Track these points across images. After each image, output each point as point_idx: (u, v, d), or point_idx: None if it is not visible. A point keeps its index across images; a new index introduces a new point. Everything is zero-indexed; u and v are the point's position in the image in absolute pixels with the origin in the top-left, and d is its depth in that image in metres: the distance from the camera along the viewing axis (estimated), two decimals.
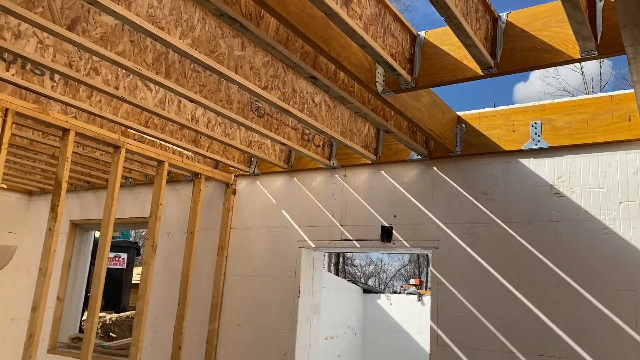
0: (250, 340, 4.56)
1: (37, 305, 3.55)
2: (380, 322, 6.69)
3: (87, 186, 6.13)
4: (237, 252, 4.90)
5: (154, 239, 4.36)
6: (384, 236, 4.12)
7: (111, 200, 4.01)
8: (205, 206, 5.09)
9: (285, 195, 4.77)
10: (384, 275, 34.05)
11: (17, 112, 3.43)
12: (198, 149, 4.41)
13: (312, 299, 4.56)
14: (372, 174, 4.36)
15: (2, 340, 6.26)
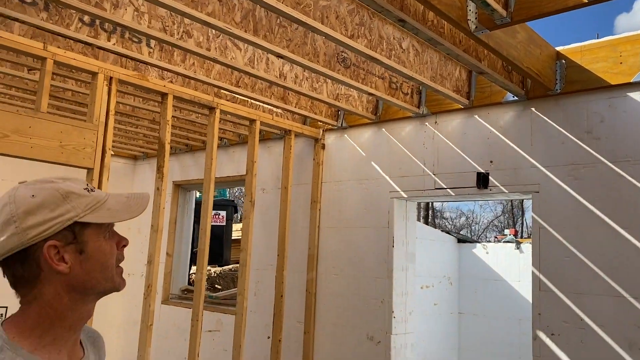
0: (347, 289, 4.69)
1: (152, 259, 3.85)
2: (476, 271, 6.60)
3: (186, 149, 6.45)
4: (330, 205, 4.99)
5: (251, 195, 4.54)
6: (480, 183, 4.01)
7: (210, 160, 4.21)
8: (296, 162, 5.20)
9: (374, 146, 4.75)
10: (475, 227, 33.36)
11: (120, 79, 3.65)
12: (287, 105, 4.49)
13: (407, 248, 4.57)
14: (464, 120, 4.22)
15: (120, 293, 6.88)
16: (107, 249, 1.11)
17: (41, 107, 3.25)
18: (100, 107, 3.51)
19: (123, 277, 1.17)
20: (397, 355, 4.36)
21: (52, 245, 1.04)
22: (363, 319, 4.55)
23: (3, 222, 1.03)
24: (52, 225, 1.04)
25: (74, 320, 1.10)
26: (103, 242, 1.11)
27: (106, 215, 1.09)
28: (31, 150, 3.19)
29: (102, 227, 1.10)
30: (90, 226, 1.08)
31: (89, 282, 1.09)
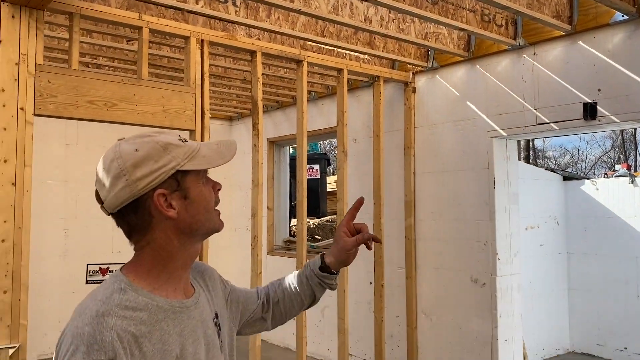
0: (448, 233, 4.64)
1: (255, 212, 4.03)
2: (585, 209, 6.23)
3: (277, 105, 6.58)
4: (424, 149, 4.90)
5: (344, 145, 4.56)
6: (587, 114, 3.73)
7: (301, 113, 4.26)
8: (387, 108, 5.12)
9: (468, 85, 4.56)
10: (582, 165, 31.36)
11: (211, 41, 3.75)
12: (373, 50, 4.40)
13: (509, 189, 4.41)
14: (567, 47, 3.91)
15: (229, 246, 7.31)
16: (207, 193, 1.19)
17: (142, 75, 3.44)
18: (195, 70, 3.65)
19: (220, 218, 1.25)
20: (502, 297, 4.29)
21: (161, 194, 1.13)
22: (466, 262, 4.50)
23: (113, 176, 1.12)
24: (159, 175, 1.12)
25: (184, 260, 1.19)
26: (202, 187, 1.18)
27: (203, 162, 1.16)
28: (138, 116, 3.41)
29: (199, 173, 1.18)
30: (190, 173, 1.16)
31: (194, 225, 1.17)
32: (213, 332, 1.24)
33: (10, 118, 2.97)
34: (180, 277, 1.20)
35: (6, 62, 2.98)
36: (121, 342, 1.02)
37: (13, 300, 2.94)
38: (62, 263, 6.16)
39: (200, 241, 1.23)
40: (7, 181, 2.96)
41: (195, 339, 1.17)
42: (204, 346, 1.19)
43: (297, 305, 1.53)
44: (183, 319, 1.16)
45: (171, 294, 1.17)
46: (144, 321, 1.08)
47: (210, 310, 1.28)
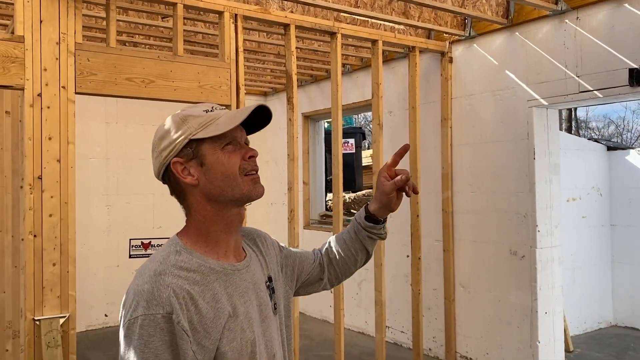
0: (486, 205, 4.57)
1: (292, 186, 4.06)
2: (630, 180, 6.01)
3: (311, 79, 6.55)
4: (461, 121, 4.81)
5: (379, 118, 4.52)
6: (634, 79, 3.58)
7: (336, 86, 4.23)
8: (423, 80, 5.03)
9: (507, 53, 4.43)
10: (628, 135, 30.21)
11: (244, 15, 3.75)
12: (409, 20, 4.31)
13: (550, 159, 4.30)
14: (612, 11, 3.74)
15: (266, 220, 7.41)
16: (225, 160, 1.20)
17: (178, 51, 3.47)
18: (229, 45, 3.66)
19: (257, 185, 1.25)
20: (543, 269, 4.23)
21: (177, 162, 1.20)
22: (504, 235, 4.44)
23: (152, 149, 1.26)
24: (175, 146, 1.19)
25: (224, 225, 1.23)
26: (220, 154, 1.20)
27: (213, 130, 1.18)
28: (175, 92, 3.46)
29: (217, 141, 1.20)
30: (206, 141, 1.19)
31: (215, 190, 1.20)
32: (265, 295, 1.30)
33: (52, 97, 3.06)
34: (227, 241, 1.25)
35: (47, 41, 3.05)
36: (177, 298, 1.09)
37: (62, 272, 3.07)
38: (106, 238, 6.37)
39: (234, 207, 1.24)
40: (52, 158, 3.06)
41: (247, 299, 1.23)
42: (257, 307, 1.25)
43: (350, 262, 1.54)
44: (234, 281, 1.22)
45: (222, 257, 1.23)
46: (197, 281, 1.15)
47: (263, 274, 1.33)
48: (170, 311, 1.07)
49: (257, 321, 1.24)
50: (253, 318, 1.22)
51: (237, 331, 1.17)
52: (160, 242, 6.74)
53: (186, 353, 1.08)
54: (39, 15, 3.03)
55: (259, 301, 1.26)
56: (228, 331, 1.15)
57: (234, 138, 1.22)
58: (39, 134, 3.02)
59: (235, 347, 1.16)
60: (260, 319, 1.25)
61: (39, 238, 3.00)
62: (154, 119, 6.67)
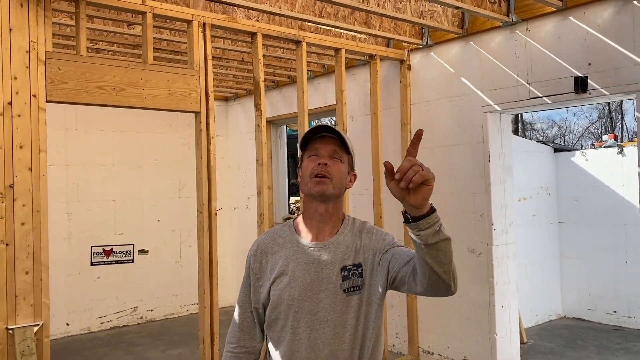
0: (445, 206, 4.80)
1: (261, 190, 4.16)
2: (575, 179, 6.42)
3: (273, 85, 6.66)
4: (420, 125, 5.03)
5: (343, 124, 4.68)
6: (578, 87, 3.87)
7: (302, 93, 4.37)
8: (383, 86, 5.23)
9: (462, 62, 4.68)
10: (569, 136, 31.70)
11: (212, 24, 3.83)
12: (370, 29, 4.49)
13: (504, 161, 4.57)
14: (558, 23, 4.03)
15: (229, 225, 7.45)
16: (305, 165, 1.67)
17: (148, 59, 3.52)
18: (198, 53, 3.73)
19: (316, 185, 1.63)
20: (499, 265, 4.49)
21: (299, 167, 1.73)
22: (463, 233, 4.68)
23: None
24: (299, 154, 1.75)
25: (309, 213, 1.70)
26: (306, 161, 1.68)
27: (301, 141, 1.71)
28: (145, 100, 3.50)
29: (306, 152, 1.69)
30: (304, 150, 1.70)
31: (300, 186, 1.70)
32: (333, 273, 1.62)
33: (23, 105, 3.06)
34: (310, 226, 1.70)
35: (17, 50, 3.05)
36: (257, 249, 1.74)
37: (35, 280, 3.08)
38: (66, 246, 6.26)
39: (310, 201, 1.68)
40: (24, 166, 3.06)
41: (305, 269, 1.64)
42: (312, 274, 1.63)
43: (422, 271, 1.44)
44: (299, 252, 1.67)
45: (304, 237, 1.70)
46: (277, 244, 1.71)
47: (341, 258, 1.64)
48: (251, 255, 1.75)
49: (308, 287, 1.61)
50: (303, 282, 1.62)
51: (283, 284, 1.64)
52: (122, 248, 6.70)
53: (251, 283, 1.74)
54: (8, 24, 3.02)
55: (318, 275, 1.62)
56: (277, 281, 1.65)
57: (316, 150, 1.65)
58: (9, 142, 3.01)
59: (277, 293, 1.64)
60: (313, 286, 1.61)
61: (11, 247, 2.99)
62: (114, 124, 6.63)
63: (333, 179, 1.62)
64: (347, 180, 1.70)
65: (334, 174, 1.62)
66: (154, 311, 6.94)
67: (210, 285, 3.74)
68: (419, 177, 1.29)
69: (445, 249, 1.40)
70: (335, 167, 1.64)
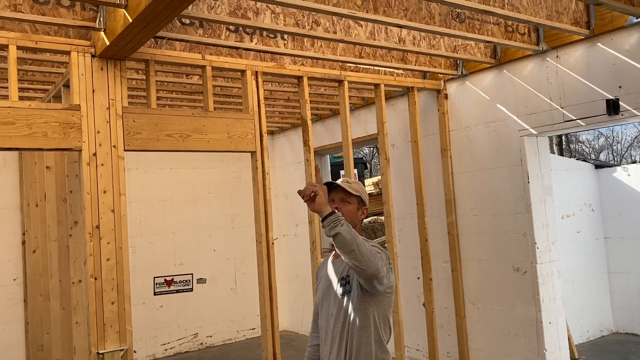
0: (488, 227, 5.00)
1: (312, 219, 4.49)
2: (619, 194, 6.48)
3: (316, 118, 7.04)
4: (460, 151, 5.27)
5: (385, 153, 4.98)
6: (610, 109, 4.06)
7: (345, 126, 4.70)
8: (422, 115, 5.52)
9: (497, 89, 4.92)
10: (617, 147, 30.88)
11: (263, 72, 4.23)
12: (406, 65, 4.81)
13: (543, 182, 4.75)
14: (587, 49, 4.24)
15: (279, 252, 7.78)
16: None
17: (209, 107, 3.94)
18: (252, 98, 4.13)
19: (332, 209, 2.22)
20: (544, 283, 4.64)
21: None
22: (507, 253, 4.85)
23: None
24: None
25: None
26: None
27: None
28: (208, 143, 3.91)
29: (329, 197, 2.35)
30: None
31: None
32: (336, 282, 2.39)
33: (105, 155, 3.51)
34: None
35: (99, 107, 3.51)
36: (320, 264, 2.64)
37: (119, 310, 3.47)
38: (132, 277, 6.67)
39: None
40: (107, 209, 3.49)
41: (325, 278, 2.49)
42: (328, 284, 2.44)
43: None
44: (328, 267, 2.50)
45: (335, 255, 2.50)
46: (325, 262, 2.56)
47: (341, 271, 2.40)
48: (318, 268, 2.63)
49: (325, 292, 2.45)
50: (322, 289, 2.48)
51: (318, 291, 2.53)
52: (182, 278, 7.13)
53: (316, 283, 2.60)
54: (92, 86, 3.49)
55: (330, 283, 2.43)
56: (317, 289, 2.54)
57: (332, 197, 2.39)
58: (95, 188, 3.45)
59: (317, 297, 2.54)
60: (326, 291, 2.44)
61: (99, 280, 3.40)
62: (171, 162, 7.14)
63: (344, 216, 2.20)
64: (358, 214, 2.43)
65: (344, 213, 2.34)
66: (212, 337, 7.32)
67: (271, 309, 4.06)
68: (308, 191, 2.13)
69: (341, 240, 2.05)
70: (345, 208, 2.38)
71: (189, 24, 3.63)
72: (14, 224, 6.01)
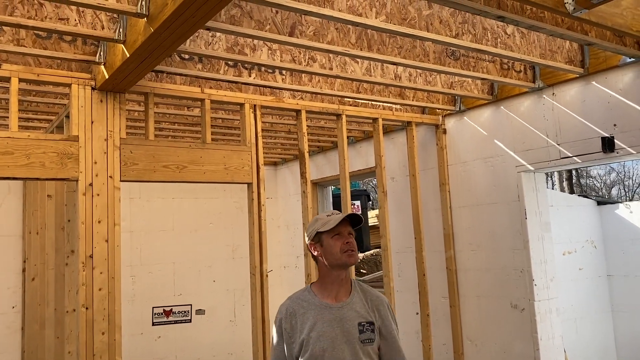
0: (486, 262, 4.96)
1: (307, 252, 4.48)
2: (621, 232, 6.41)
3: (318, 150, 7.10)
4: (458, 185, 5.28)
5: (383, 186, 5.00)
6: (606, 147, 4.07)
7: (343, 160, 4.74)
8: (420, 149, 5.55)
9: (494, 125, 4.95)
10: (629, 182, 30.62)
11: (262, 105, 4.30)
12: (404, 100, 4.86)
13: (540, 218, 4.73)
14: (582, 87, 4.28)
15: (279, 284, 7.75)
16: (332, 243, 2.22)
17: (206, 140, 4.00)
18: (250, 131, 4.19)
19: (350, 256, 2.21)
20: (542, 321, 4.57)
21: (311, 244, 2.29)
22: (505, 289, 4.80)
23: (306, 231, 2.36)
24: (310, 235, 2.30)
25: (332, 279, 2.25)
26: (330, 240, 2.23)
27: (326, 227, 2.22)
28: (204, 175, 3.95)
29: (330, 233, 2.23)
30: (324, 232, 2.23)
31: (327, 260, 2.23)
32: (353, 329, 2.18)
33: (101, 185, 3.56)
34: (331, 289, 2.23)
35: (97, 139, 3.58)
36: (286, 313, 2.24)
37: (109, 340, 3.46)
38: (131, 307, 6.71)
39: (339, 270, 2.23)
40: (102, 238, 3.52)
41: (330, 326, 2.17)
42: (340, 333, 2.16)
43: None
44: (324, 313, 2.20)
45: (325, 298, 2.23)
46: (303, 307, 2.22)
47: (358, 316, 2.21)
48: (281, 318, 2.24)
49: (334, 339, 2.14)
50: (329, 337, 2.15)
51: (313, 340, 2.15)
52: (181, 308, 7.10)
53: (284, 341, 2.21)
54: (91, 117, 3.57)
55: (343, 330, 2.17)
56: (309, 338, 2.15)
57: (340, 231, 2.23)
58: (90, 218, 3.49)
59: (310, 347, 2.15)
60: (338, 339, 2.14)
61: (90, 310, 3.41)
62: (174, 192, 7.20)
63: (356, 251, 2.26)
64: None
65: (356, 247, 2.28)
66: None
67: (264, 343, 4.03)
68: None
69: None
70: (354, 242, 2.28)
71: (188, 59, 3.72)
72: (15, 251, 6.06)
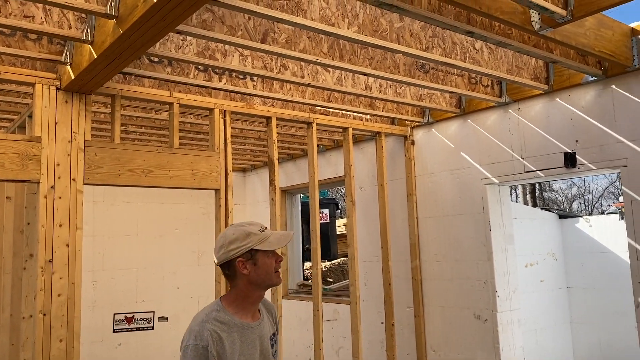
0: (451, 273, 5.02)
1: None
2: (581, 245, 6.59)
3: (288, 157, 7.08)
4: (425, 196, 5.34)
5: (352, 195, 5.02)
6: (568, 162, 4.18)
7: (312, 168, 4.74)
8: (389, 159, 5.60)
9: (461, 138, 5.04)
10: (589, 197, 31.60)
11: (232, 111, 4.27)
12: (374, 111, 4.90)
13: (504, 230, 4.82)
14: (546, 103, 4.40)
15: None
16: (269, 263, 2.01)
17: (174, 144, 3.94)
18: (219, 136, 4.15)
19: (278, 276, 2.05)
20: (504, 331, 4.64)
21: (240, 261, 1.98)
22: (469, 300, 4.87)
23: (219, 246, 2.01)
24: (241, 250, 1.99)
25: (253, 299, 2.04)
26: (266, 259, 2.01)
27: (267, 246, 2.00)
28: (171, 180, 3.89)
29: (266, 251, 2.00)
30: (259, 251, 1.99)
31: (259, 280, 2.00)
32: (268, 344, 2.07)
33: (64, 188, 3.46)
34: (250, 309, 2.04)
35: (60, 140, 3.49)
36: (211, 337, 1.88)
37: (67, 348, 3.36)
38: (91, 313, 6.54)
39: (264, 290, 2.05)
40: (62, 243, 3.42)
41: (253, 346, 2.00)
42: (259, 351, 2.02)
43: None
44: (247, 333, 1.99)
45: (243, 317, 2.01)
46: (225, 330, 1.93)
47: (270, 331, 2.11)
48: (207, 345, 1.86)
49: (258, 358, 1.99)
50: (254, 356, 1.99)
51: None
52: (143, 315, 6.95)
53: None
54: (55, 118, 3.48)
55: (261, 348, 2.03)
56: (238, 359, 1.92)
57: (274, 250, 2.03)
58: (51, 221, 3.39)
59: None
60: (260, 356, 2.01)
61: (48, 316, 3.30)
62: (139, 196, 7.06)
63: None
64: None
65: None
66: None
67: None
68: None
69: None
70: None
71: (157, 62, 3.66)
72: None
